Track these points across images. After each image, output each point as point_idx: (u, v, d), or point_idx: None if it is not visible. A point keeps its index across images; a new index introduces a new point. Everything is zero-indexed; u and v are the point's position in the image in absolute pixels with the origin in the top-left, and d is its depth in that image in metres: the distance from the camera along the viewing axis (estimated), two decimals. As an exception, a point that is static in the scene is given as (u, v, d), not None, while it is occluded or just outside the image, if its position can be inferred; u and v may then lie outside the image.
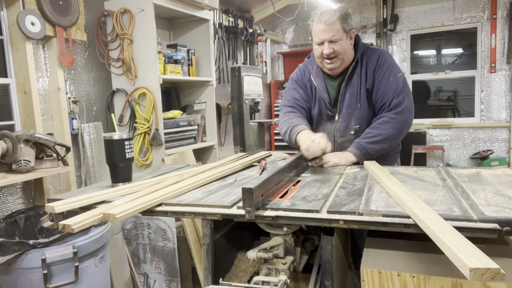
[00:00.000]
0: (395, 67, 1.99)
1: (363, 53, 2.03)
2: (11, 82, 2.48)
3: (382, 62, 1.98)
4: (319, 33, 1.93)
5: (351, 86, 2.01)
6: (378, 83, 1.96)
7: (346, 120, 2.05)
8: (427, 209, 1.10)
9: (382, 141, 1.91)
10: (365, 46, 2.06)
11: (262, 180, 1.27)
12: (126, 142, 1.71)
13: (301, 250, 1.51)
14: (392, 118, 1.91)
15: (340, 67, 2.01)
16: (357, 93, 2.00)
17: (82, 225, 1.22)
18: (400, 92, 1.92)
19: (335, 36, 1.91)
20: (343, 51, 1.95)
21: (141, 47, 2.83)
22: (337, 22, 1.90)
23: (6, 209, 2.39)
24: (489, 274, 0.81)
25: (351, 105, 2.02)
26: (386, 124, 1.91)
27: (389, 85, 1.94)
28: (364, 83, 1.99)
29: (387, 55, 2.02)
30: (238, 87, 3.71)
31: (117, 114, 2.99)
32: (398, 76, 1.96)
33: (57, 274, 1.93)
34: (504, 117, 5.31)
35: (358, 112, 2.01)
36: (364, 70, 2.00)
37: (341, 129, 2.06)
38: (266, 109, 5.86)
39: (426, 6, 5.54)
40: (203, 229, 1.46)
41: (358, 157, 1.92)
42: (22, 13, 2.34)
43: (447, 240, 0.90)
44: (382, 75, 1.96)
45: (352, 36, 2.00)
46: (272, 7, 4.98)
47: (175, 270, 2.80)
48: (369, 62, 2.00)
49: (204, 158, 3.60)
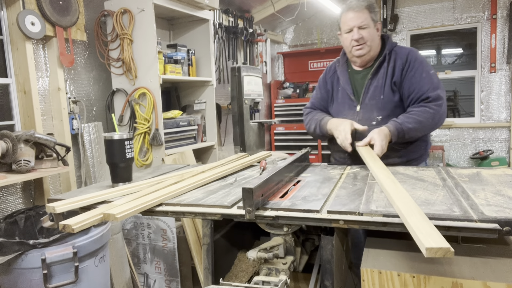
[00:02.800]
0: (427, 64, 2.05)
1: (392, 50, 2.09)
2: (11, 82, 2.48)
3: (412, 58, 2.03)
4: (348, 20, 2.05)
5: (377, 79, 2.07)
6: (411, 77, 2.00)
7: (368, 111, 2.08)
8: (403, 193, 1.22)
9: (420, 128, 1.94)
10: (394, 44, 2.12)
11: (262, 180, 1.27)
12: (126, 142, 1.71)
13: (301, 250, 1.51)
14: (434, 109, 1.94)
15: (368, 55, 2.07)
16: (381, 85, 2.05)
17: (82, 225, 1.22)
18: (437, 87, 1.98)
19: (364, 23, 2.01)
20: (371, 38, 2.04)
21: (141, 47, 2.83)
22: (365, 10, 2.03)
23: (6, 209, 2.39)
24: (441, 251, 0.93)
25: (374, 97, 2.07)
26: (428, 114, 1.93)
27: (423, 79, 1.99)
28: (391, 77, 2.03)
29: (417, 53, 2.08)
30: (238, 87, 3.71)
31: (117, 114, 2.99)
32: (431, 73, 2.02)
33: (57, 274, 1.93)
34: (504, 117, 5.31)
35: (380, 104, 2.05)
36: (392, 65, 2.05)
37: (363, 120, 2.08)
38: (266, 109, 5.86)
39: (426, 6, 5.54)
40: (203, 229, 1.46)
41: (394, 137, 1.93)
42: (22, 13, 2.34)
43: (412, 222, 1.01)
44: (415, 70, 2.01)
45: (379, 28, 2.10)
46: (272, 7, 4.98)
47: (175, 270, 2.80)
48: (397, 58, 2.06)
49: (204, 158, 3.60)
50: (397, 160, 2.01)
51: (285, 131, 5.62)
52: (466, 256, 1.11)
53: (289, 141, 5.59)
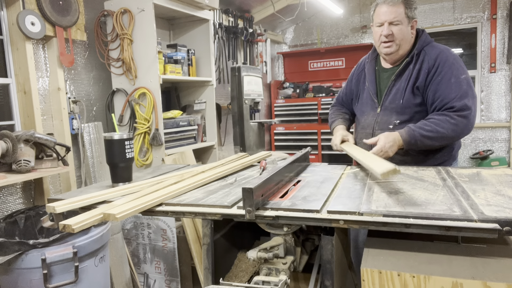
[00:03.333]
0: (457, 67, 1.87)
1: (422, 50, 1.95)
2: (11, 82, 2.48)
3: (441, 61, 1.88)
4: (381, 14, 1.93)
5: (400, 81, 1.96)
6: (438, 83, 1.86)
7: (387, 114, 1.99)
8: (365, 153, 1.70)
9: (436, 138, 1.81)
10: (427, 42, 1.97)
11: (262, 180, 1.27)
12: (126, 142, 1.71)
13: (301, 250, 1.52)
14: (456, 120, 1.80)
15: (396, 53, 1.96)
16: (403, 88, 1.93)
17: (82, 225, 1.22)
18: (464, 95, 1.81)
19: (396, 18, 1.89)
20: (402, 36, 1.92)
21: (141, 47, 2.83)
22: (401, 5, 1.90)
23: (6, 209, 2.39)
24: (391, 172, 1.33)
25: (394, 100, 1.96)
26: (448, 124, 1.80)
27: (450, 86, 1.83)
28: (414, 80, 1.91)
29: (448, 54, 1.91)
30: (238, 87, 3.71)
31: (117, 114, 2.98)
32: (462, 78, 1.84)
33: (57, 274, 1.93)
34: (504, 117, 5.31)
35: (400, 108, 1.95)
36: (418, 67, 1.92)
37: (381, 122, 2.00)
38: (266, 109, 5.86)
39: (426, 6, 5.54)
40: (203, 229, 1.46)
41: (406, 144, 1.83)
42: (22, 13, 2.34)
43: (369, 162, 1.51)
44: (443, 75, 1.86)
45: (414, 26, 1.97)
46: (272, 7, 4.98)
47: (175, 270, 2.80)
48: (425, 60, 1.92)
49: (204, 158, 3.60)
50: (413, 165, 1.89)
51: (285, 131, 5.63)
52: (466, 256, 1.11)
53: (289, 141, 5.60)
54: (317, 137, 5.36)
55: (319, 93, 5.65)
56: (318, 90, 5.69)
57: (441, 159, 1.96)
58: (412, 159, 1.94)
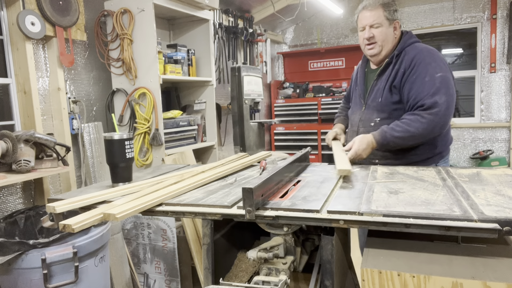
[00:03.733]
0: (434, 66, 1.92)
1: (403, 51, 2.01)
2: (11, 82, 2.48)
3: (417, 61, 1.94)
4: (362, 19, 2.06)
5: (381, 81, 2.06)
6: (412, 82, 1.93)
7: (370, 112, 2.10)
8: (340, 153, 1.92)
9: (408, 138, 1.88)
10: (408, 43, 2.03)
11: (262, 180, 1.27)
12: (126, 142, 1.71)
13: (301, 250, 1.52)
14: (426, 118, 1.86)
15: (380, 55, 2.06)
16: (382, 88, 2.03)
17: (82, 225, 1.22)
18: (436, 92, 1.86)
19: (376, 22, 2.01)
20: (383, 37, 2.02)
21: (141, 47, 2.83)
22: (380, 9, 2.01)
23: (6, 209, 2.39)
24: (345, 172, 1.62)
25: (375, 99, 2.07)
26: (419, 123, 1.86)
27: (424, 84, 1.89)
28: (392, 80, 1.99)
29: (427, 53, 1.96)
30: (238, 87, 3.71)
31: (117, 114, 2.98)
32: (436, 76, 1.89)
33: (57, 274, 1.93)
34: (504, 117, 5.31)
35: (379, 106, 2.05)
36: (397, 67, 1.99)
37: (365, 120, 2.11)
38: (266, 109, 5.86)
39: (426, 6, 5.54)
40: (203, 229, 1.46)
41: (379, 145, 1.92)
42: (22, 13, 2.34)
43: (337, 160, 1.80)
44: (418, 75, 1.92)
45: (397, 27, 2.05)
46: (272, 7, 4.98)
47: (175, 270, 2.80)
48: (404, 60, 1.99)
49: (204, 158, 3.60)
50: (395, 162, 1.99)
51: (285, 131, 5.63)
52: (466, 256, 1.11)
53: (289, 141, 5.60)
54: (317, 137, 5.36)
55: (319, 93, 5.65)
56: (318, 90, 5.69)
57: (423, 156, 2.00)
58: (392, 154, 2.02)
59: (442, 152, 2.06)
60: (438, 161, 2.05)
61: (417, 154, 2.01)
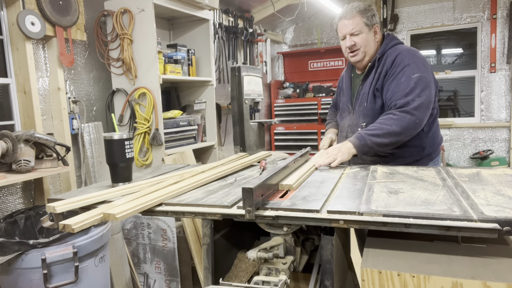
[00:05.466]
0: (412, 67, 1.93)
1: (384, 54, 2.02)
2: (11, 82, 2.48)
3: (397, 63, 1.96)
4: (342, 28, 2.07)
5: (366, 85, 2.07)
6: (389, 83, 1.95)
7: (357, 117, 2.10)
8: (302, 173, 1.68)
9: (383, 135, 1.87)
10: (390, 46, 2.04)
11: (262, 180, 1.27)
12: (126, 142, 1.71)
13: (301, 250, 1.52)
14: (397, 115, 1.87)
15: (364, 60, 2.07)
16: (367, 92, 2.04)
17: (82, 225, 1.22)
18: (409, 92, 1.88)
19: (355, 29, 2.01)
20: (365, 43, 2.03)
21: (141, 47, 2.83)
22: (357, 16, 2.01)
23: (6, 209, 2.39)
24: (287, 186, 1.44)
25: (361, 104, 2.08)
26: (390, 120, 1.87)
27: (399, 85, 1.91)
28: (375, 83, 2.01)
29: (406, 54, 1.98)
30: (238, 87, 3.71)
31: (117, 114, 2.99)
32: (413, 77, 1.90)
33: (57, 274, 1.93)
34: (504, 117, 5.31)
35: (365, 111, 2.06)
36: (379, 71, 2.00)
37: (353, 125, 2.12)
38: (266, 109, 5.86)
39: (426, 6, 5.54)
40: (203, 229, 1.46)
41: (357, 147, 1.88)
42: (22, 13, 2.34)
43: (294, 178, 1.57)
44: (395, 76, 1.94)
45: (377, 31, 2.07)
46: (272, 7, 4.98)
47: (175, 270, 2.80)
48: (386, 63, 2.00)
49: (204, 158, 3.60)
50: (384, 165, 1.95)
51: (285, 131, 5.63)
52: (466, 256, 1.11)
53: (289, 141, 5.60)
54: (317, 137, 5.36)
55: (319, 93, 5.65)
56: (318, 90, 5.69)
57: (411, 158, 2.02)
58: (380, 158, 2.03)
59: (431, 154, 2.07)
60: (428, 163, 2.06)
61: (405, 157, 2.01)
